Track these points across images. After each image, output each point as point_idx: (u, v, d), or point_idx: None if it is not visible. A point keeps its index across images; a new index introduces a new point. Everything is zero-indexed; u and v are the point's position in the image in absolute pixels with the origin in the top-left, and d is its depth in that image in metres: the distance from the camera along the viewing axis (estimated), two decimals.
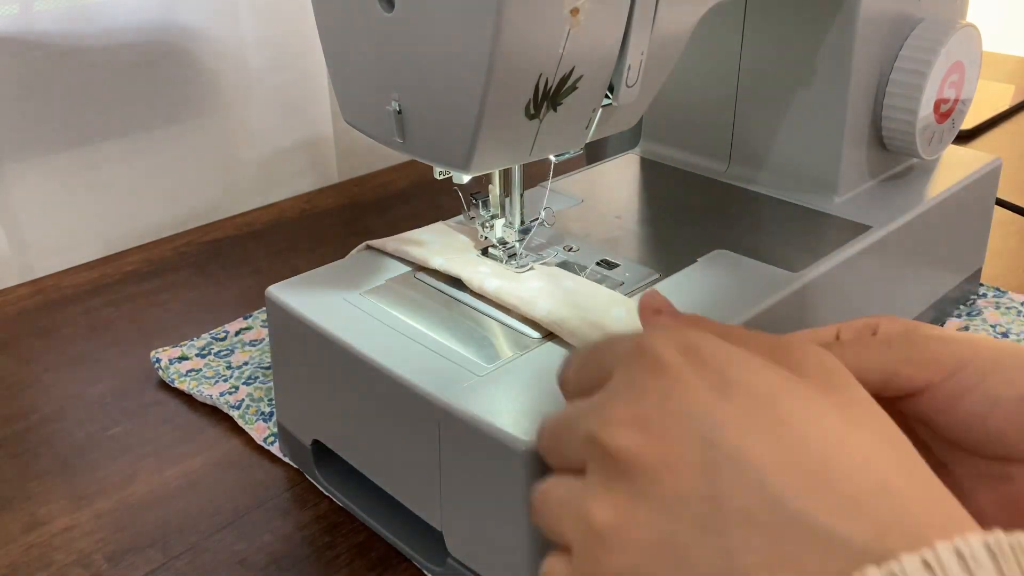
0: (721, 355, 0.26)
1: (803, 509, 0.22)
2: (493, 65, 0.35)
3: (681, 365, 0.26)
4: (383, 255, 0.52)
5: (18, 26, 0.71)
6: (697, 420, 0.24)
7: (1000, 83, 1.09)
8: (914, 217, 0.55)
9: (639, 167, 0.65)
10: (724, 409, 0.24)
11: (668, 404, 0.25)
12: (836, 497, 0.22)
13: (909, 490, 0.23)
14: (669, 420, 0.25)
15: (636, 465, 0.24)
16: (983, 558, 0.20)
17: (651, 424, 0.25)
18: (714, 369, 0.25)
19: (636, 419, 0.25)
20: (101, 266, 0.77)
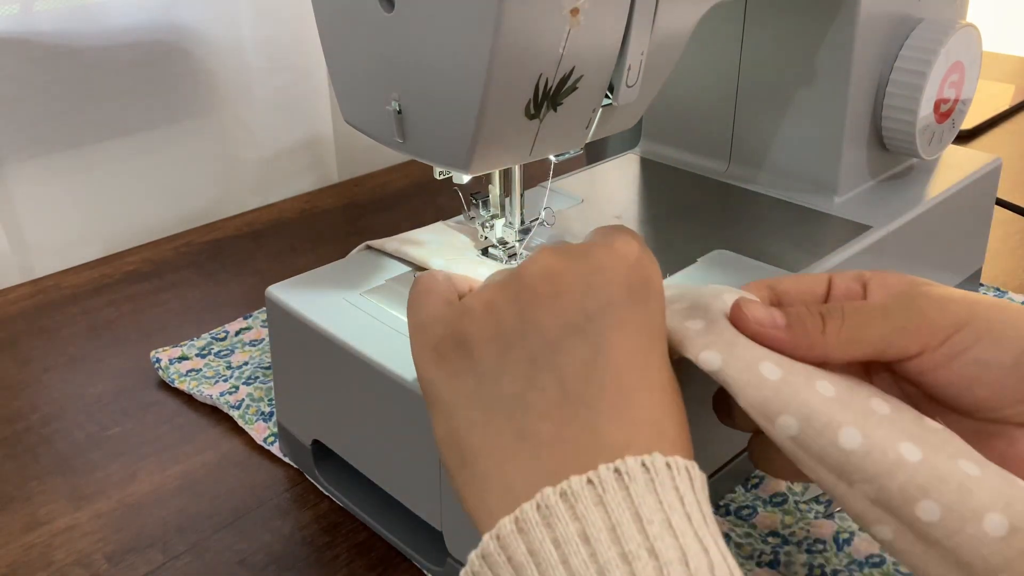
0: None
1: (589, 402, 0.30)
2: (493, 65, 0.35)
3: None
4: (383, 255, 0.52)
5: (18, 26, 0.71)
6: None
7: (1000, 83, 1.09)
8: (914, 217, 0.55)
9: (639, 167, 0.65)
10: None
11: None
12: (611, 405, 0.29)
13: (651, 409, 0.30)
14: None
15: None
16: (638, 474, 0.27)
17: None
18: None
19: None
20: (101, 266, 0.77)
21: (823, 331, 0.34)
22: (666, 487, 0.27)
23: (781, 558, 0.44)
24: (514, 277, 0.33)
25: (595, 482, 0.27)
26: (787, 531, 0.45)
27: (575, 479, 0.27)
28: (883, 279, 0.37)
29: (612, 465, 0.27)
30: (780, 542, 0.45)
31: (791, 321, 0.34)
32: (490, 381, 0.31)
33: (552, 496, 0.27)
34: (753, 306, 0.35)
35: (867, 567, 0.43)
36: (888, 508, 0.31)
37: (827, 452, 0.32)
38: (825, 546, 0.44)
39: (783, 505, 0.47)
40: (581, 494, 0.27)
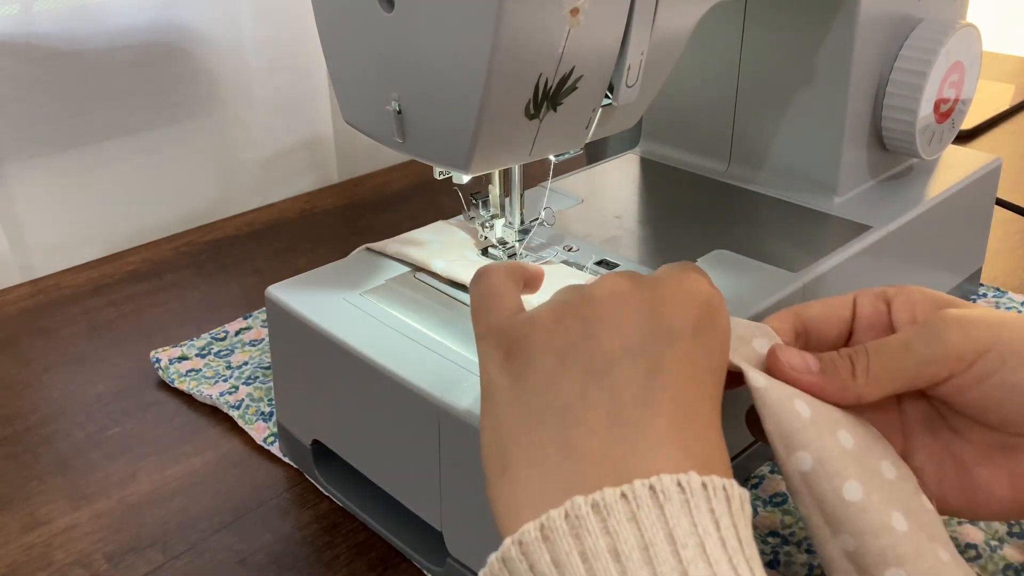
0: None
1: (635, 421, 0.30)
2: (493, 65, 0.35)
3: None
4: (382, 256, 0.52)
5: (18, 26, 0.71)
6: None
7: (1000, 83, 1.09)
8: (914, 217, 0.55)
9: (639, 167, 0.65)
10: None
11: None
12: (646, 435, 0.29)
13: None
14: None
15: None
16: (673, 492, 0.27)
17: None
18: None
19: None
20: (101, 266, 0.77)
21: (853, 374, 0.35)
22: (701, 509, 0.27)
23: (781, 558, 0.44)
24: (582, 293, 0.33)
25: (629, 497, 0.27)
26: (787, 531, 0.45)
27: (609, 491, 0.27)
28: (907, 296, 0.38)
29: (647, 481, 0.27)
30: (780, 542, 0.45)
31: (824, 366, 0.35)
32: (543, 389, 0.31)
33: (584, 506, 0.26)
34: (788, 351, 0.36)
35: None
36: (860, 566, 0.33)
37: (828, 497, 0.33)
38: None
39: (783, 505, 0.47)
40: (614, 507, 0.26)
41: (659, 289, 0.33)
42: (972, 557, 0.43)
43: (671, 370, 0.30)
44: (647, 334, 0.31)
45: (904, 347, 0.35)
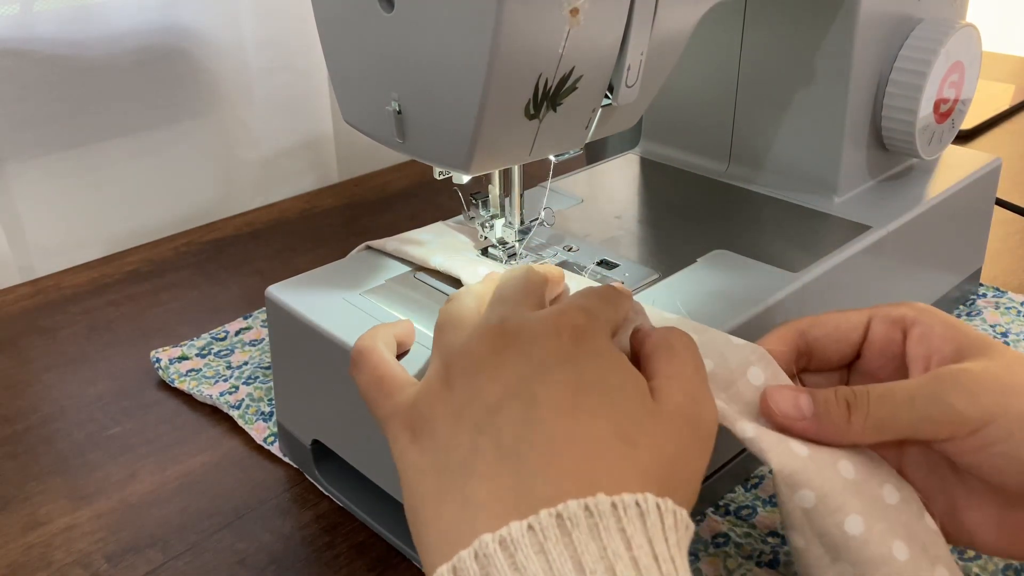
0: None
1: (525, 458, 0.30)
2: (493, 65, 0.35)
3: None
4: (383, 255, 0.52)
5: (18, 27, 0.71)
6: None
7: (1000, 83, 1.09)
8: (914, 217, 0.55)
9: (639, 167, 0.65)
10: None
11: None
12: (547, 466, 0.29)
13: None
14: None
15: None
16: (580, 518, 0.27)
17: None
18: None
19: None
20: (101, 266, 0.77)
21: (848, 420, 0.34)
22: (611, 531, 0.27)
23: (781, 558, 0.44)
24: (465, 353, 0.34)
25: (536, 528, 0.27)
26: None
27: (515, 525, 0.27)
28: (926, 329, 0.37)
29: (555, 510, 0.27)
30: (780, 542, 0.45)
31: (818, 411, 0.35)
32: (445, 453, 0.32)
33: (491, 544, 0.26)
34: (780, 398, 0.36)
35: None
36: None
37: (830, 531, 0.34)
38: None
39: None
40: (521, 542, 0.26)
41: (528, 330, 0.34)
42: (972, 557, 0.43)
43: (543, 402, 0.31)
44: (520, 376, 0.32)
45: (908, 401, 0.34)
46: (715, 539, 0.45)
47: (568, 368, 0.32)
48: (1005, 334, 0.61)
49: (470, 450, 0.31)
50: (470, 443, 0.31)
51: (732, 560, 0.44)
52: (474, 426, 0.31)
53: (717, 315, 0.44)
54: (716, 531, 0.45)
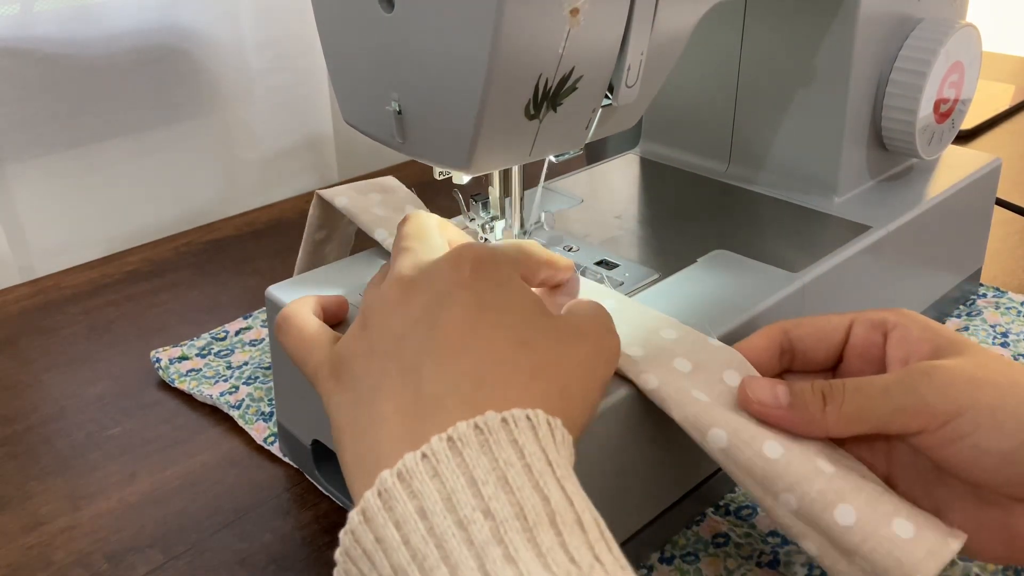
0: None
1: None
2: (493, 65, 0.35)
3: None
4: (383, 255, 0.52)
5: (18, 27, 0.71)
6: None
7: (1000, 83, 1.09)
8: (914, 217, 0.55)
9: (639, 167, 0.65)
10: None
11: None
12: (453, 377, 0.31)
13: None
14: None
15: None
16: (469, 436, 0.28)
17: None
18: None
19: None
20: (101, 266, 0.77)
21: (823, 410, 0.35)
22: (502, 443, 0.28)
23: (781, 558, 0.44)
24: (380, 298, 0.36)
25: (429, 455, 0.28)
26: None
27: (409, 457, 0.28)
28: (905, 332, 0.38)
29: (445, 435, 0.28)
30: (780, 542, 0.45)
31: (794, 401, 0.35)
32: (359, 383, 0.33)
33: (389, 479, 0.28)
34: (757, 386, 0.36)
35: None
36: (810, 519, 0.34)
37: (753, 463, 0.35)
38: None
39: None
40: (416, 470, 0.28)
41: (435, 266, 0.36)
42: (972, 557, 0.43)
43: (445, 323, 0.33)
44: (425, 305, 0.34)
45: (882, 393, 0.35)
46: (715, 539, 0.45)
47: (468, 293, 0.34)
48: (1005, 334, 0.61)
49: (379, 374, 0.33)
50: (379, 369, 0.33)
51: (732, 560, 0.44)
52: (383, 354, 0.33)
53: (717, 315, 0.44)
54: (716, 531, 0.46)
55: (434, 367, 0.31)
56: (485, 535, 0.26)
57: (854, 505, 0.33)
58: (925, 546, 0.32)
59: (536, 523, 0.26)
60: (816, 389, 0.35)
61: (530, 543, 0.26)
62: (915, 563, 0.32)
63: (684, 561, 0.44)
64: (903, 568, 0.32)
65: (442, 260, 0.36)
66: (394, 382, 0.32)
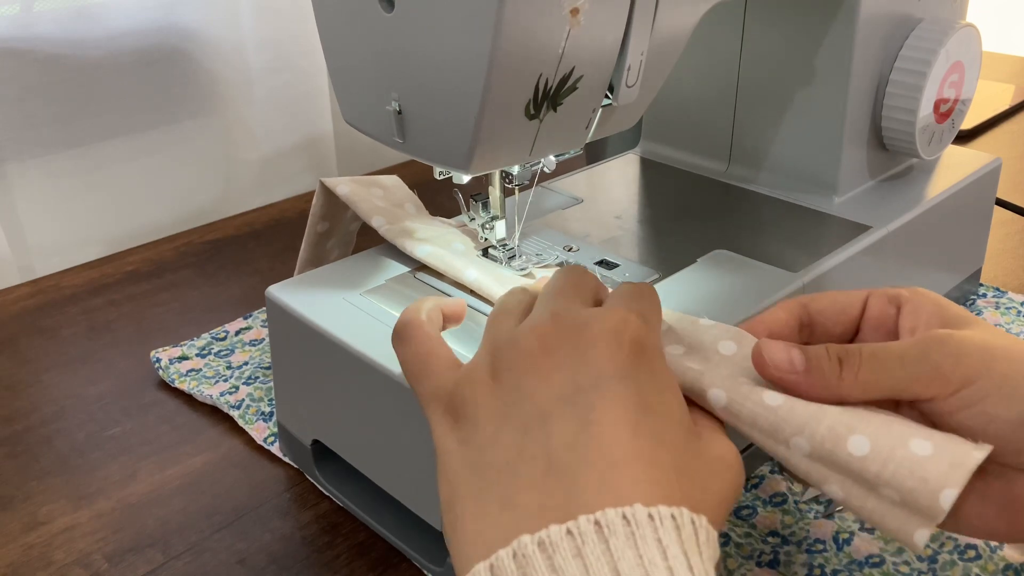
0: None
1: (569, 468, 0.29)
2: (493, 65, 0.35)
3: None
4: (382, 255, 0.52)
5: (19, 27, 0.71)
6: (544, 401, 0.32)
7: (1000, 83, 1.09)
8: (914, 217, 0.55)
9: (639, 167, 0.65)
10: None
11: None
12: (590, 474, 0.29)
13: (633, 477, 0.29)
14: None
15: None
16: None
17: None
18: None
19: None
20: (101, 266, 0.77)
21: (840, 376, 0.35)
22: (647, 540, 0.27)
23: (781, 558, 0.44)
24: (514, 345, 0.33)
25: (574, 533, 0.27)
26: (787, 531, 0.45)
27: (554, 528, 0.27)
28: (917, 304, 0.38)
29: (592, 517, 0.27)
30: (780, 542, 0.45)
31: (810, 365, 0.35)
32: (488, 450, 0.31)
33: (530, 545, 0.27)
34: (774, 349, 0.35)
35: (867, 567, 0.43)
36: (825, 458, 0.33)
37: (756, 414, 0.34)
38: (825, 546, 0.44)
39: (783, 505, 0.47)
40: (560, 544, 0.27)
41: (585, 332, 0.33)
42: (972, 557, 0.43)
43: (602, 415, 0.30)
44: (576, 381, 0.31)
45: (898, 359, 0.35)
46: None
47: (629, 384, 0.31)
48: None
49: (516, 453, 0.30)
50: (516, 445, 0.31)
51: (732, 560, 0.44)
52: (522, 427, 0.31)
53: (717, 315, 0.44)
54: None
55: (592, 475, 0.29)
56: None
57: (866, 434, 0.33)
58: (947, 459, 0.32)
59: None
60: (832, 354, 0.35)
61: None
62: (941, 477, 0.31)
63: None
64: (929, 485, 0.31)
65: (599, 326, 0.33)
66: (538, 474, 0.30)
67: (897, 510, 0.32)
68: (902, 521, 0.32)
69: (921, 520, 0.32)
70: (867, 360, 0.35)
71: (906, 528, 0.32)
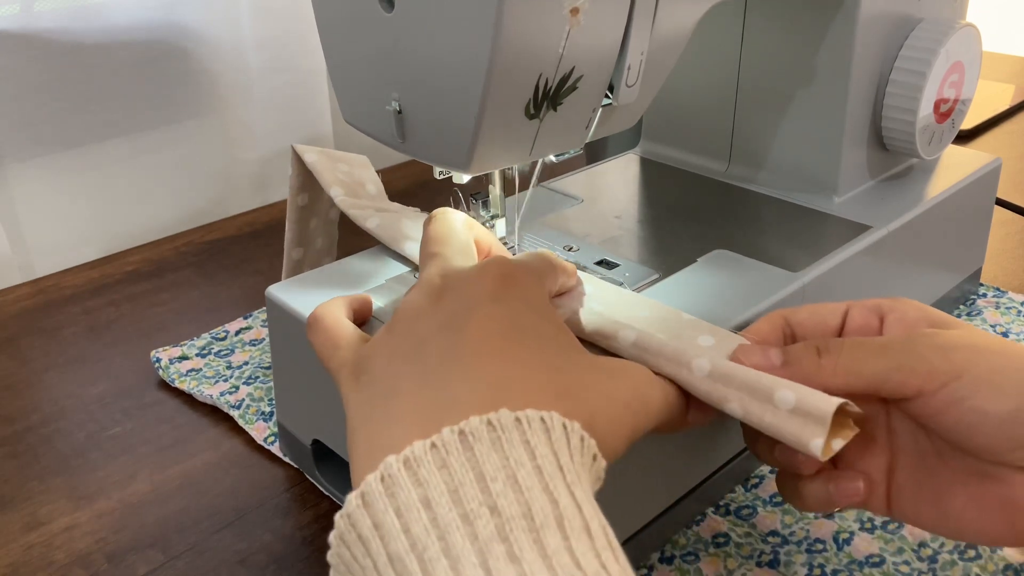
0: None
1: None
2: (493, 65, 0.35)
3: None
4: (382, 256, 0.52)
5: (19, 26, 0.71)
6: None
7: (1000, 83, 1.09)
8: (914, 217, 0.55)
9: (639, 167, 0.65)
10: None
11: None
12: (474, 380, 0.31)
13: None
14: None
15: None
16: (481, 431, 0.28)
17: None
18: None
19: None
20: (101, 266, 0.77)
21: (819, 363, 0.35)
22: (514, 442, 0.27)
23: (781, 558, 0.44)
24: (407, 303, 0.36)
25: (439, 445, 0.27)
26: (787, 531, 0.45)
27: (418, 444, 0.27)
28: (902, 313, 0.38)
29: (457, 427, 0.28)
30: (780, 542, 0.45)
31: (787, 358, 0.36)
32: (376, 384, 0.33)
33: (395, 464, 0.27)
34: (750, 351, 0.36)
35: (867, 567, 0.43)
36: (724, 378, 0.35)
37: (663, 343, 0.36)
38: (825, 546, 0.44)
39: (783, 505, 0.47)
40: (424, 459, 0.27)
41: (461, 274, 0.36)
42: (972, 557, 0.43)
43: (472, 331, 0.32)
44: (452, 311, 0.34)
45: (880, 349, 0.35)
46: (715, 539, 0.45)
47: (498, 306, 0.33)
48: (1005, 334, 0.61)
49: (398, 376, 0.32)
50: (399, 371, 0.32)
51: (732, 560, 0.44)
52: (403, 356, 0.33)
53: (717, 315, 0.44)
54: (716, 531, 0.46)
55: (456, 370, 0.31)
56: (490, 531, 0.25)
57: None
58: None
59: (543, 525, 0.26)
60: (809, 345, 0.36)
61: (535, 544, 0.25)
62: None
63: (684, 561, 0.44)
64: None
65: (472, 270, 0.36)
66: (412, 383, 0.31)
67: (794, 419, 0.33)
68: (799, 429, 0.33)
69: (815, 428, 0.33)
70: (848, 349, 0.35)
71: (803, 437, 0.33)
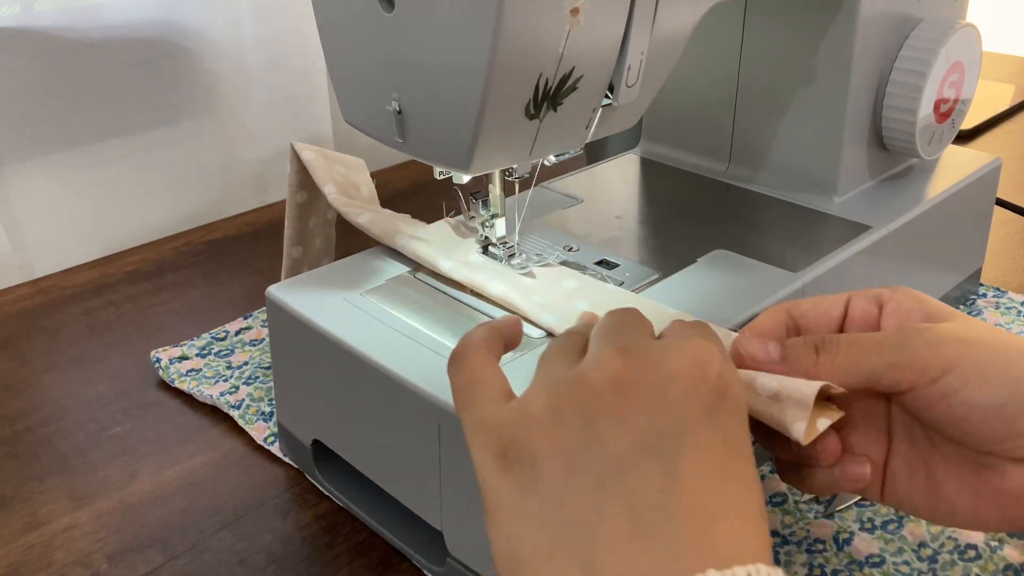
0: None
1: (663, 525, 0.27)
2: (493, 65, 0.35)
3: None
4: (382, 256, 0.52)
5: (19, 25, 0.71)
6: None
7: (1000, 83, 1.09)
8: (914, 217, 0.55)
9: (639, 167, 0.65)
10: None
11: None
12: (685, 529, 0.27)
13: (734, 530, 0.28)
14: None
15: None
16: None
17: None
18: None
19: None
20: (101, 266, 0.77)
21: (816, 362, 0.35)
22: None
23: (781, 558, 0.44)
24: (576, 378, 0.30)
25: None
26: (787, 531, 0.45)
27: None
28: (899, 303, 0.38)
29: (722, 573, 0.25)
30: (780, 542, 0.45)
31: (786, 354, 0.36)
32: (554, 503, 0.28)
33: None
34: (749, 342, 0.36)
35: (867, 567, 0.43)
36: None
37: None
38: (825, 546, 0.44)
39: (783, 505, 0.47)
40: None
41: (663, 367, 0.30)
42: (972, 557, 0.43)
43: (688, 466, 0.28)
44: (657, 426, 0.28)
45: (875, 346, 0.35)
46: None
47: (716, 427, 0.29)
48: None
49: (592, 509, 0.28)
50: (591, 500, 0.28)
51: None
52: (596, 479, 0.28)
53: (717, 315, 0.44)
54: None
55: (683, 536, 0.27)
56: None
57: None
58: None
59: None
60: (808, 342, 0.36)
61: None
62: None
63: None
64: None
65: (676, 362, 0.30)
66: (622, 535, 0.27)
67: (776, 404, 0.34)
68: (780, 413, 0.34)
69: (796, 412, 0.33)
70: (844, 346, 0.35)
71: (785, 420, 0.34)
